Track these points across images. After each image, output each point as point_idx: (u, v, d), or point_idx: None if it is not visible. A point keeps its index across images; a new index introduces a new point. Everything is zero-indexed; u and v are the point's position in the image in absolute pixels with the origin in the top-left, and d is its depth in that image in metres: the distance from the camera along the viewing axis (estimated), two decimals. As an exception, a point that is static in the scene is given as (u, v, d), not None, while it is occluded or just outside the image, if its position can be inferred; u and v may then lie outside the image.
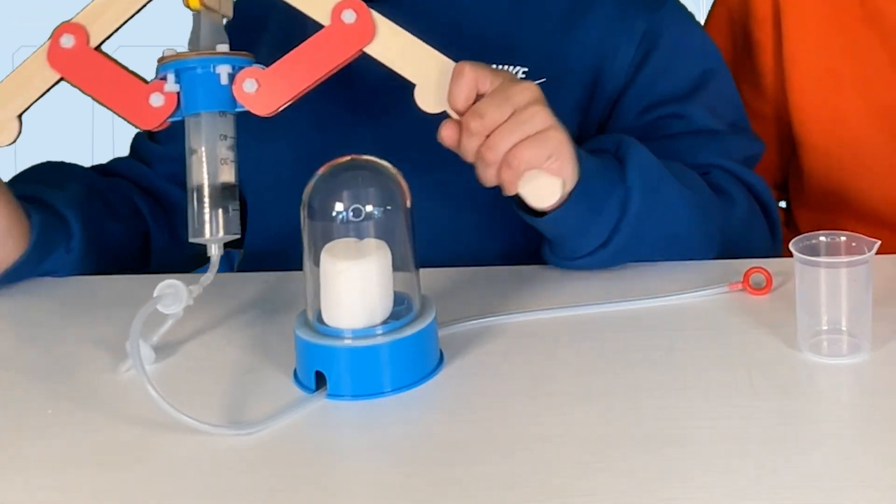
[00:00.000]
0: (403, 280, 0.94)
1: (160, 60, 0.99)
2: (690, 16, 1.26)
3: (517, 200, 1.05)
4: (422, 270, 0.95)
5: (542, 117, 0.99)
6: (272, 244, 1.26)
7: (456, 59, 1.00)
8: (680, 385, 0.91)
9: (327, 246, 0.92)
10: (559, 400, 0.90)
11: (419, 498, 0.79)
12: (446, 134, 1.00)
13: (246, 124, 1.01)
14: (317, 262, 0.92)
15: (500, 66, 1.17)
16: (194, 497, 0.81)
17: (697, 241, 1.13)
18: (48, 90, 1.03)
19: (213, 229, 0.96)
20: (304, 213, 0.93)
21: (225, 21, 1.01)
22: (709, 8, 1.41)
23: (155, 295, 0.94)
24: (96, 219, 1.22)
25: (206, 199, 0.95)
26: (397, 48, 1.00)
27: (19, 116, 1.03)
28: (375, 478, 0.82)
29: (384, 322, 0.92)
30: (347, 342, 0.91)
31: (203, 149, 0.96)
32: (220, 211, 0.96)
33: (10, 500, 0.81)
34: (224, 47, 0.98)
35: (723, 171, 1.19)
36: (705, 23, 1.38)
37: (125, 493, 0.81)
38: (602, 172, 1.05)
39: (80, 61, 1.02)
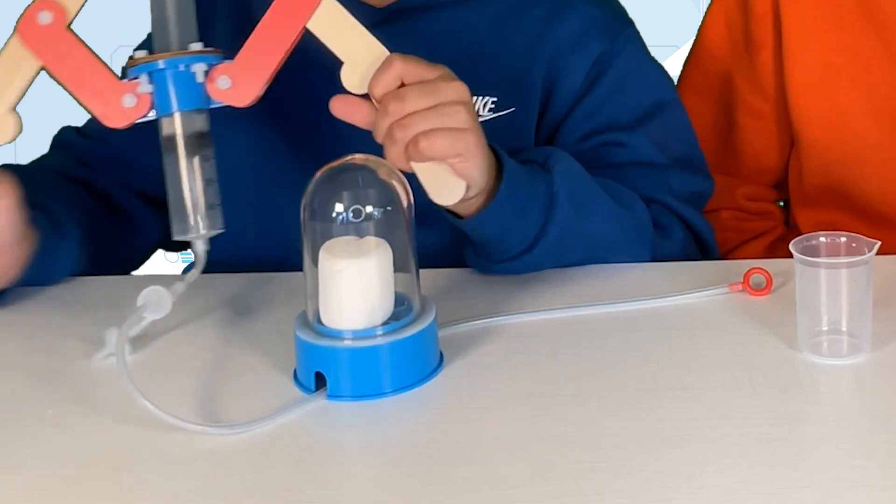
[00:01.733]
0: (403, 280, 0.93)
1: (131, 62, 0.97)
2: (646, 48, 1.25)
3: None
4: (422, 270, 0.95)
5: (463, 116, 0.96)
6: (231, 254, 1.25)
7: None
8: (680, 385, 0.91)
9: (326, 244, 0.92)
10: (559, 400, 0.90)
11: (419, 498, 0.79)
12: (348, 108, 0.98)
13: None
14: (316, 263, 0.92)
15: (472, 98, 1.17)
16: (194, 497, 0.81)
17: (628, 255, 1.12)
18: (35, 77, 0.98)
19: (197, 226, 0.96)
20: (304, 214, 0.93)
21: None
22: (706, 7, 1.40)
23: (139, 304, 0.95)
24: (89, 226, 1.20)
25: (190, 197, 0.96)
26: (335, 24, 0.98)
27: (14, 109, 0.98)
28: (375, 478, 0.82)
29: (384, 323, 0.92)
30: (347, 343, 0.91)
31: (183, 147, 0.96)
32: (204, 207, 0.96)
33: (9, 499, 0.81)
34: (197, 46, 0.97)
35: (661, 207, 1.18)
36: (702, 22, 1.38)
37: (124, 493, 0.81)
38: (529, 178, 1.04)
39: (57, 42, 0.96)
